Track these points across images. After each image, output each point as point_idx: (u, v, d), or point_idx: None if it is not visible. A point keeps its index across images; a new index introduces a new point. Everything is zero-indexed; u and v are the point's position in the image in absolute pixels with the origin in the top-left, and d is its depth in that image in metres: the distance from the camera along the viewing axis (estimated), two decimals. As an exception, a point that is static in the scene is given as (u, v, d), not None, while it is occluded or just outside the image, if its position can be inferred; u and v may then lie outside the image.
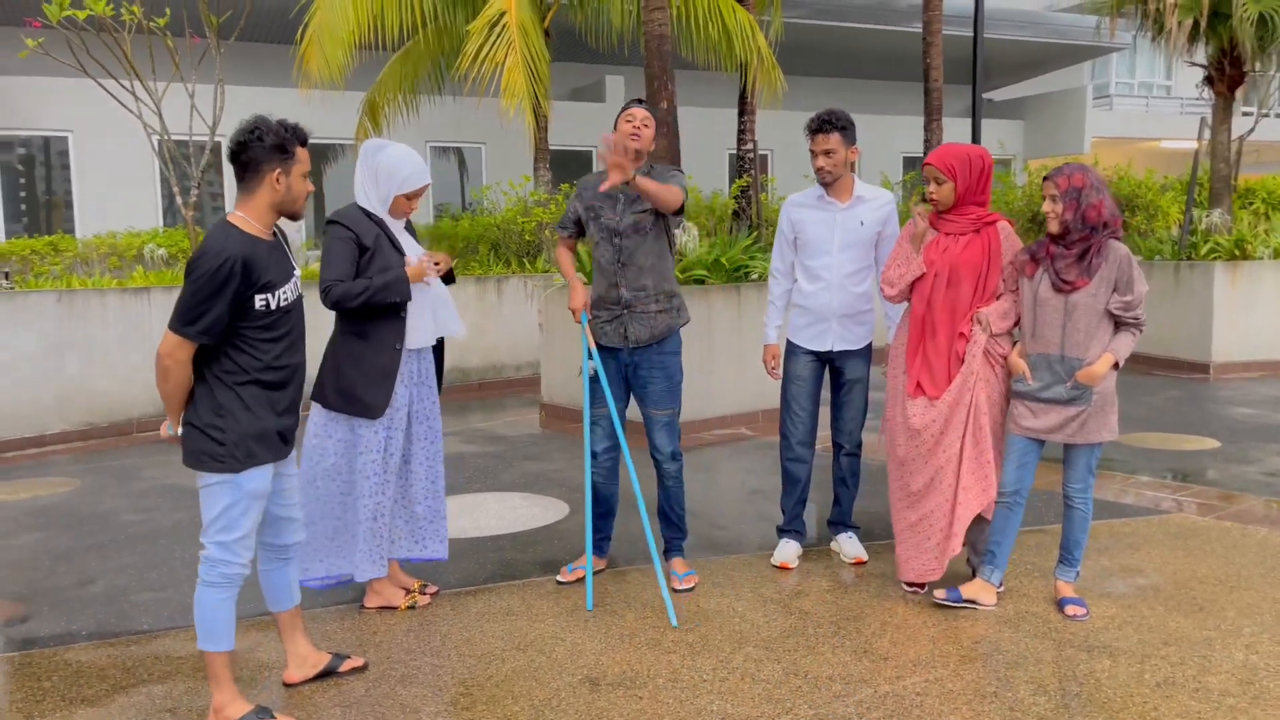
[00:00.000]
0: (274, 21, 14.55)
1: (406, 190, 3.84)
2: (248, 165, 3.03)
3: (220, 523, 3.04)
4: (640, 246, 4.09)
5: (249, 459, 3.03)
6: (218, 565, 3.06)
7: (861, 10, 17.03)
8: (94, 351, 7.68)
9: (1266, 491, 5.56)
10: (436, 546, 4.15)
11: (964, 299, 3.91)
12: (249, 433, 3.02)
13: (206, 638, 3.08)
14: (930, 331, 3.95)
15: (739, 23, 10.41)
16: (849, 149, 4.27)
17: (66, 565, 4.71)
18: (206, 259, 2.90)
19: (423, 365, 4.02)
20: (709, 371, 7.45)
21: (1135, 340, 3.72)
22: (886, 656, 3.54)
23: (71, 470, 6.70)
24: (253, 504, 3.07)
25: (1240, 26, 10.75)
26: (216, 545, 3.05)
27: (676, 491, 4.30)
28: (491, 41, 8.91)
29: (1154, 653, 3.53)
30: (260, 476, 3.08)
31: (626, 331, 4.13)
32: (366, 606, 4.07)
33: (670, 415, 4.24)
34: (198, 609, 3.08)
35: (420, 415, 4.02)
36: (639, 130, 4.07)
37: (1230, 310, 9.68)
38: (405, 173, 3.83)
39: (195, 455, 3.02)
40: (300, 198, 3.13)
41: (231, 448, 3.00)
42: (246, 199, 3.07)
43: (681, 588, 4.22)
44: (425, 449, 4.06)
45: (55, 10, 8.13)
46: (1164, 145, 23.62)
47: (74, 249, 11.02)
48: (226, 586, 3.07)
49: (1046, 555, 4.56)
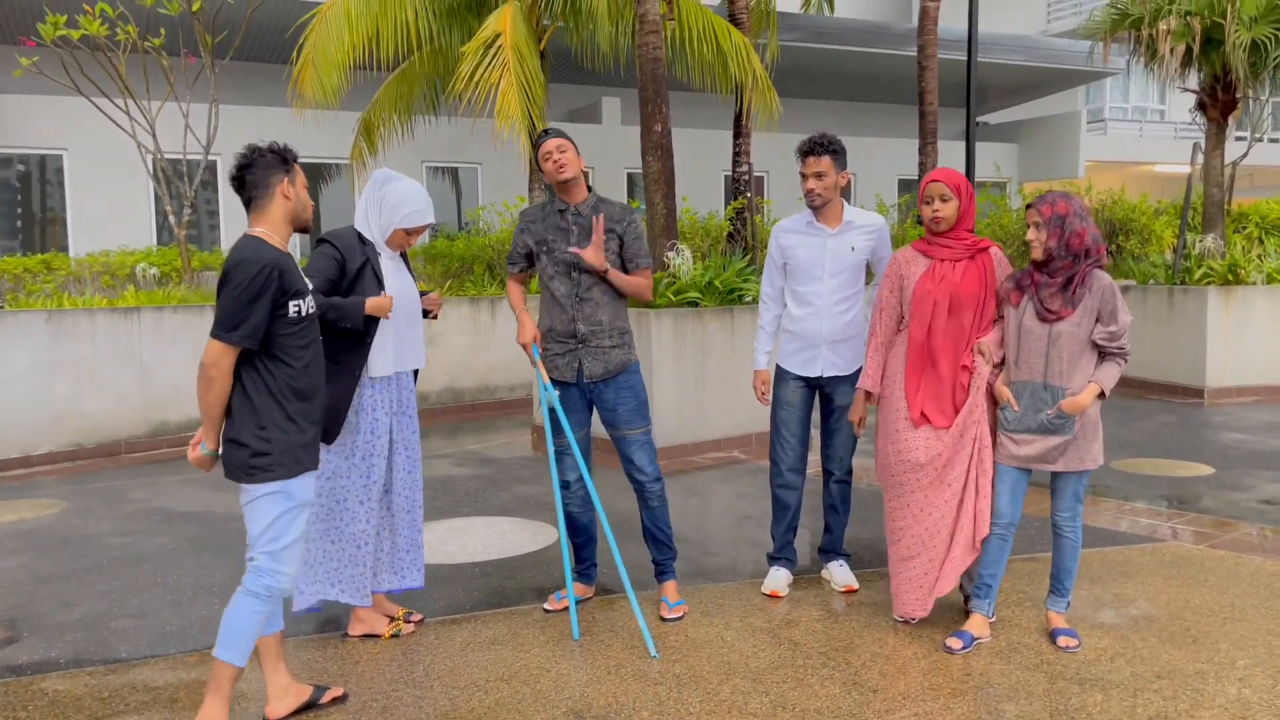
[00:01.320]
0: (269, 41, 14.58)
1: (407, 226, 3.85)
2: (256, 185, 3.14)
3: (271, 533, 3.10)
4: (599, 282, 4.08)
5: (297, 466, 3.11)
6: (264, 575, 3.10)
7: (857, 34, 17.12)
8: (83, 371, 7.64)
9: (1260, 519, 5.53)
10: (415, 575, 4.11)
11: (965, 327, 3.89)
12: (294, 441, 3.10)
13: (229, 646, 3.09)
14: (931, 360, 3.91)
15: (734, 45, 10.44)
16: (839, 173, 4.27)
17: (47, 590, 4.65)
18: (246, 265, 2.98)
19: (403, 393, 4.00)
20: (702, 394, 7.42)
21: (1120, 370, 3.70)
22: (876, 689, 3.49)
23: (58, 492, 6.64)
24: (301, 511, 3.15)
25: (1232, 53, 10.80)
26: (267, 555, 3.10)
27: (661, 511, 4.25)
28: (486, 63, 8.92)
29: (1146, 686, 3.48)
30: (308, 484, 3.16)
31: (581, 366, 4.11)
32: (350, 634, 4.02)
33: (644, 434, 4.18)
34: (232, 616, 3.09)
35: (401, 444, 3.99)
36: (560, 162, 4.05)
37: (1224, 335, 9.67)
38: (409, 209, 3.85)
39: (244, 468, 3.06)
40: (308, 207, 3.26)
41: (279, 456, 3.07)
42: (262, 217, 3.15)
43: (670, 617, 4.16)
44: (405, 478, 4.03)
45: (49, 30, 8.14)
46: (1158, 169, 23.74)
47: (67, 267, 10.99)
48: (267, 599, 3.12)
49: (1038, 584, 4.51)
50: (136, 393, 7.86)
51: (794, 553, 4.59)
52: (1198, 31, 10.95)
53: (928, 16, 11.52)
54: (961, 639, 3.83)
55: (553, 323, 4.13)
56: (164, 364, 7.98)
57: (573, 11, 10.62)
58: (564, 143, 4.07)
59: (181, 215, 9.10)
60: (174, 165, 11.90)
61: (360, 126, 12.23)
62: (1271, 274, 10.01)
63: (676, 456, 7.28)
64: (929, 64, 11.53)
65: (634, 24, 8.51)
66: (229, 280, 2.99)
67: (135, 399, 7.86)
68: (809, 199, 4.28)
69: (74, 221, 13.09)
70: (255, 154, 3.13)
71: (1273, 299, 9.80)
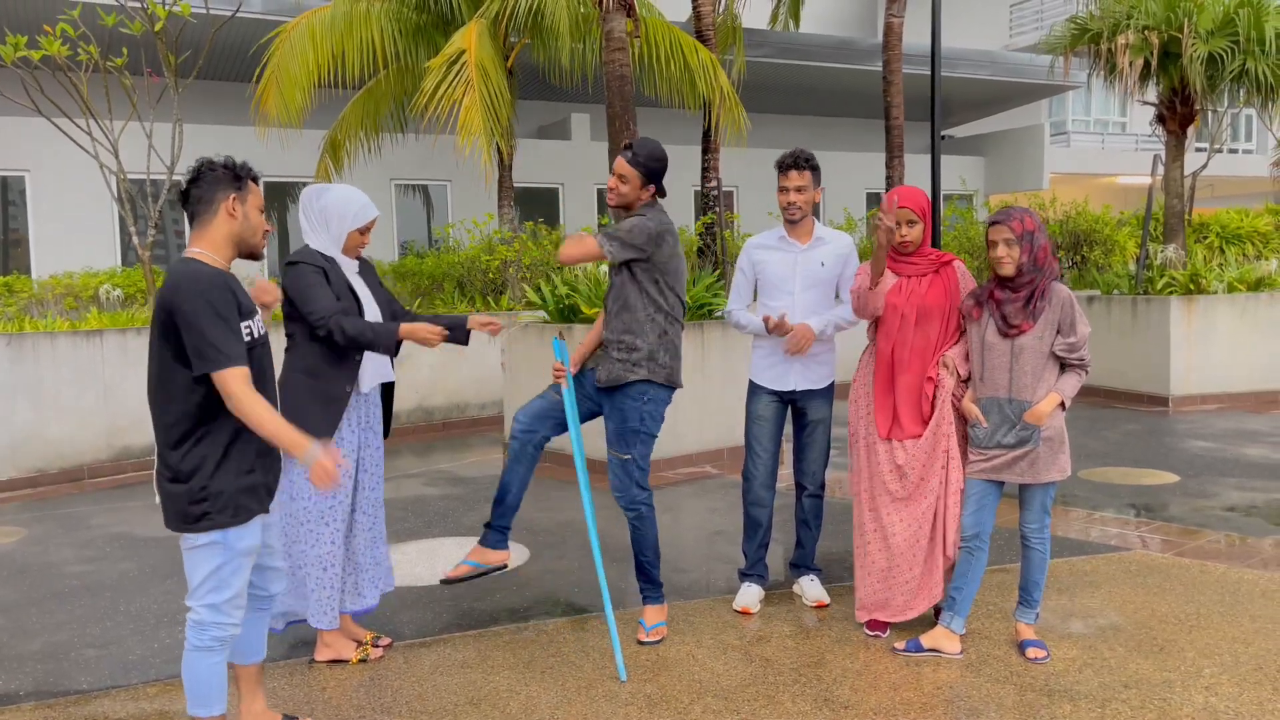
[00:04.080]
0: (233, 60, 14.49)
1: (360, 224, 3.82)
2: (200, 199, 2.93)
3: (210, 583, 2.91)
4: (612, 290, 4.07)
5: (238, 515, 2.90)
6: (209, 629, 2.93)
7: (824, 49, 17.28)
8: (45, 396, 7.51)
9: (1225, 527, 5.59)
10: (372, 595, 4.06)
11: (932, 340, 3.94)
12: (236, 486, 2.89)
13: (200, 703, 2.96)
14: (899, 372, 3.96)
15: (701, 62, 10.49)
16: (816, 189, 4.33)
17: (6, 620, 4.55)
18: (192, 287, 2.77)
19: (370, 410, 3.96)
20: (673, 409, 7.41)
21: (1081, 380, 3.74)
22: (847, 705, 3.48)
23: (18, 519, 6.52)
24: (244, 561, 2.95)
25: (1190, 66, 11.00)
26: (207, 608, 2.92)
27: (639, 536, 4.14)
28: (450, 80, 8.91)
29: (1114, 696, 3.50)
30: (251, 533, 2.95)
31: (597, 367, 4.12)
32: (317, 660, 3.96)
33: (617, 459, 4.07)
34: (188, 675, 2.95)
35: (365, 463, 3.96)
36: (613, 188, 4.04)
37: (1187, 344, 9.81)
38: (354, 209, 3.82)
39: (180, 516, 2.86)
40: (259, 230, 3.03)
41: (217, 502, 2.86)
42: (202, 234, 2.95)
43: (646, 640, 4.11)
44: (368, 497, 3.99)
45: (9, 51, 8.03)
46: (1120, 181, 24.11)
47: (29, 290, 10.83)
48: (219, 650, 2.96)
49: (1008, 595, 4.53)
50: (100, 417, 7.73)
51: (766, 569, 4.59)
52: (1155, 45, 11.15)
53: (892, 32, 11.65)
54: (909, 644, 3.91)
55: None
56: (128, 387, 7.87)
57: (536, 29, 10.65)
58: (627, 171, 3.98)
59: (146, 236, 9.00)
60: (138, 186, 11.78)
61: (326, 144, 12.17)
62: (1232, 283, 10.17)
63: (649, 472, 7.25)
64: (894, 79, 11.65)
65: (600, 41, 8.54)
66: (183, 311, 2.76)
67: (98, 423, 7.73)
68: (789, 212, 4.32)
69: (36, 243, 12.92)
70: (204, 167, 2.94)
71: (1234, 308, 9.96)
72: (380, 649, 4.03)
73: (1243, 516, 5.80)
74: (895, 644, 3.95)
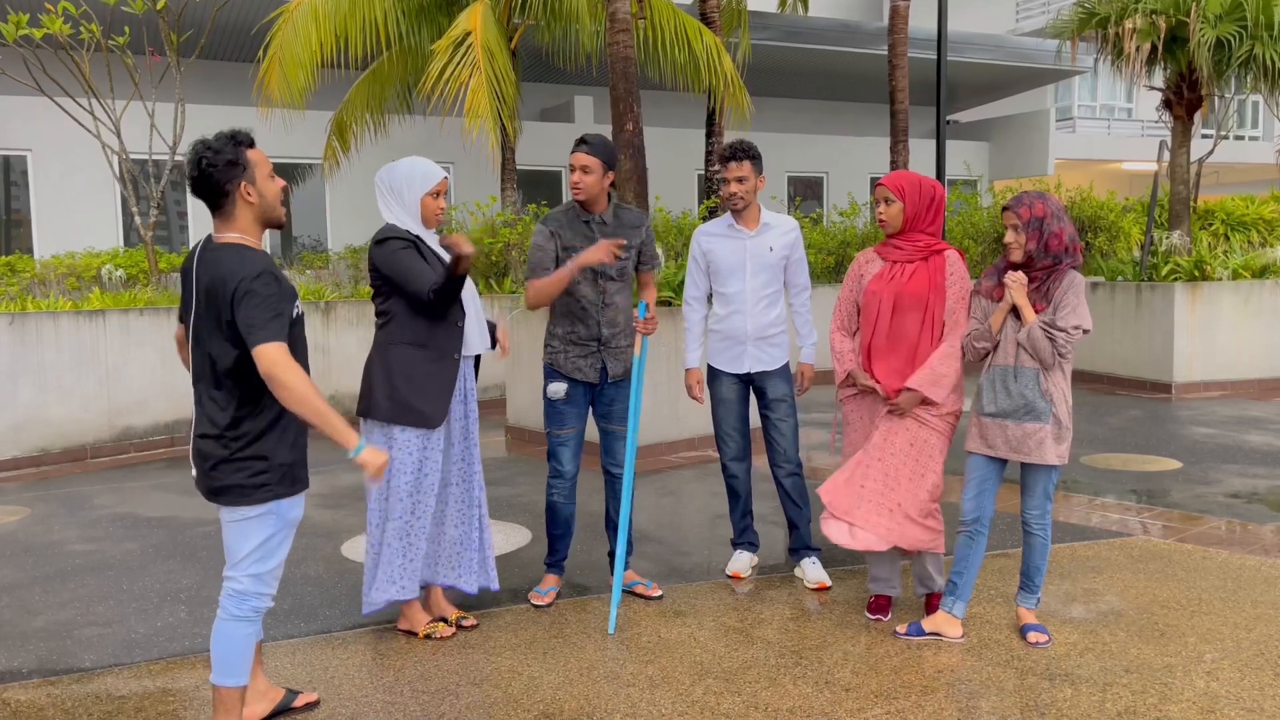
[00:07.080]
0: (236, 39, 14.43)
1: (429, 187, 3.82)
2: (215, 192, 2.93)
3: (258, 553, 3.00)
4: (621, 289, 4.27)
5: (296, 485, 3.02)
6: (249, 599, 3.01)
7: (829, 33, 17.18)
8: (47, 376, 7.52)
9: (1227, 513, 5.59)
10: (469, 579, 4.06)
11: (910, 330, 3.90)
12: (291, 458, 3.00)
13: (227, 673, 3.01)
14: (876, 359, 3.98)
15: (706, 45, 10.44)
16: (758, 177, 4.46)
17: (10, 598, 4.57)
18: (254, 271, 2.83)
19: (467, 378, 3.98)
20: (676, 394, 7.41)
21: (1049, 345, 3.61)
22: (849, 688, 3.49)
23: (21, 499, 6.54)
24: (291, 532, 3.07)
25: (1197, 51, 10.92)
26: (251, 578, 3.00)
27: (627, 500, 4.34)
28: (456, 62, 8.87)
29: (1115, 680, 3.51)
30: (300, 503, 3.08)
31: (605, 367, 4.25)
32: (398, 628, 4.06)
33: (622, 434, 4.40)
34: (222, 644, 3.00)
35: (459, 433, 3.98)
36: (577, 182, 4.11)
37: (1191, 331, 9.79)
38: (421, 171, 3.84)
39: (238, 490, 2.91)
40: (276, 200, 3.03)
41: (276, 474, 2.95)
42: (230, 223, 2.97)
43: (653, 595, 4.37)
44: (462, 469, 4.02)
45: (11, 29, 8.00)
46: (1125, 167, 24.01)
47: (32, 270, 10.82)
48: (255, 620, 3.04)
49: (1009, 580, 4.54)
50: (102, 397, 7.74)
51: (755, 535, 4.75)
52: (1163, 30, 11.07)
53: (898, 16, 11.58)
54: (910, 627, 3.93)
55: (573, 326, 4.23)
56: (130, 368, 7.87)
57: (551, 12, 10.58)
58: (590, 162, 4.09)
59: (148, 216, 8.98)
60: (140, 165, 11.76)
61: (333, 126, 12.14)
62: (1237, 270, 10.15)
63: (651, 455, 7.27)
64: (900, 63, 11.58)
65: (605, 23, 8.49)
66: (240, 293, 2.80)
67: (101, 404, 7.74)
68: (731, 202, 4.46)
69: (39, 223, 12.90)
70: (204, 162, 2.88)
71: (1238, 295, 9.93)
72: (452, 629, 4.02)
73: (1244, 503, 5.80)
74: (897, 628, 3.96)
